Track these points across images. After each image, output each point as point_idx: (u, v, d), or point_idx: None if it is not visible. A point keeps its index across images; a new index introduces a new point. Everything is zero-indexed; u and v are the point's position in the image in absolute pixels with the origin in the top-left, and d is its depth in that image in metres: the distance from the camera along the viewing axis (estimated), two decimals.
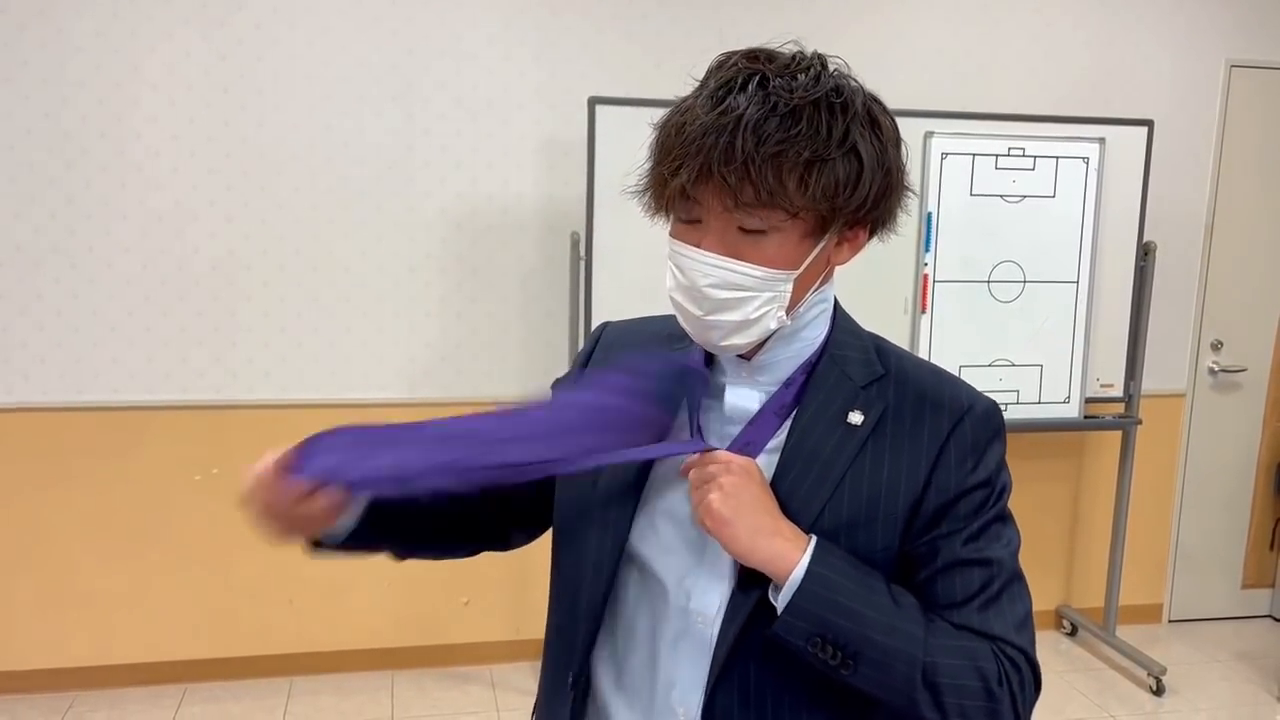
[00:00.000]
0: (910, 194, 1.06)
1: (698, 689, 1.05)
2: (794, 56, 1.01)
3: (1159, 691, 3.62)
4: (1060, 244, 3.55)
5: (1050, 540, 4.10)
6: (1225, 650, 4.02)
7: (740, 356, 1.09)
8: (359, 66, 3.32)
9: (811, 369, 1.08)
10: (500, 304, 3.52)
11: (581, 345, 1.29)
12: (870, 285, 3.47)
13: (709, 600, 1.05)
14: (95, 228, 3.23)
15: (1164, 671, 3.64)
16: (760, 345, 1.07)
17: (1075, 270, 3.57)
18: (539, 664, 1.24)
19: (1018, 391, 3.59)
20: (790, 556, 0.98)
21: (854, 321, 1.15)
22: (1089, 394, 3.66)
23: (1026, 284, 3.55)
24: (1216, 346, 4.12)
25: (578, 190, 3.26)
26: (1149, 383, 3.82)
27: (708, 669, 1.04)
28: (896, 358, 1.11)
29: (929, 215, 3.45)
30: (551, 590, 1.20)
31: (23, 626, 3.36)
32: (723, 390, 1.10)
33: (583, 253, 3.25)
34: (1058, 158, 3.50)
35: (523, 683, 3.53)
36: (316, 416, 3.42)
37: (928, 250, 3.47)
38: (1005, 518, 1.06)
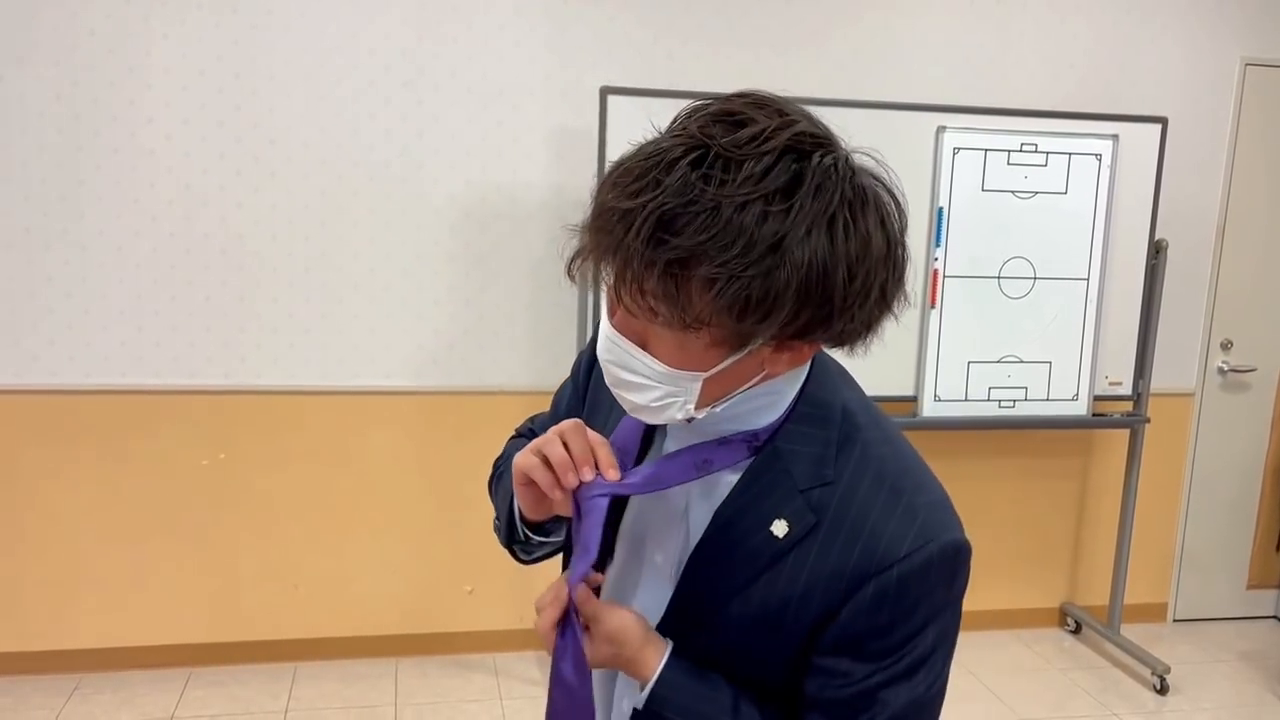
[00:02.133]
0: (899, 301, 0.91)
1: None
2: (767, 133, 0.82)
3: (1162, 690, 3.62)
4: (1071, 241, 3.54)
5: (1056, 537, 4.10)
6: (1229, 650, 4.01)
7: None
8: (370, 53, 3.31)
9: (756, 450, 0.98)
10: (508, 293, 3.51)
11: (590, 335, 1.24)
12: None
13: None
14: (105, 211, 3.23)
15: (1168, 670, 3.63)
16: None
17: (1086, 267, 3.56)
18: (542, 653, 1.26)
19: (1026, 388, 3.58)
20: (643, 674, 1.02)
21: (830, 400, 0.99)
22: (1098, 392, 3.65)
23: (1037, 280, 3.53)
24: (1226, 346, 4.10)
25: (587, 180, 3.26)
26: (1158, 381, 3.80)
27: None
28: (859, 459, 0.97)
29: (940, 210, 3.44)
30: None
31: (29, 608, 3.37)
32: (663, 439, 1.06)
33: None
34: (1070, 154, 3.49)
35: (526, 671, 3.54)
36: (323, 403, 3.43)
37: (938, 245, 3.46)
38: (921, 664, 0.96)
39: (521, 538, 1.12)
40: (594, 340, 1.17)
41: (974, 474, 3.94)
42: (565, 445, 0.97)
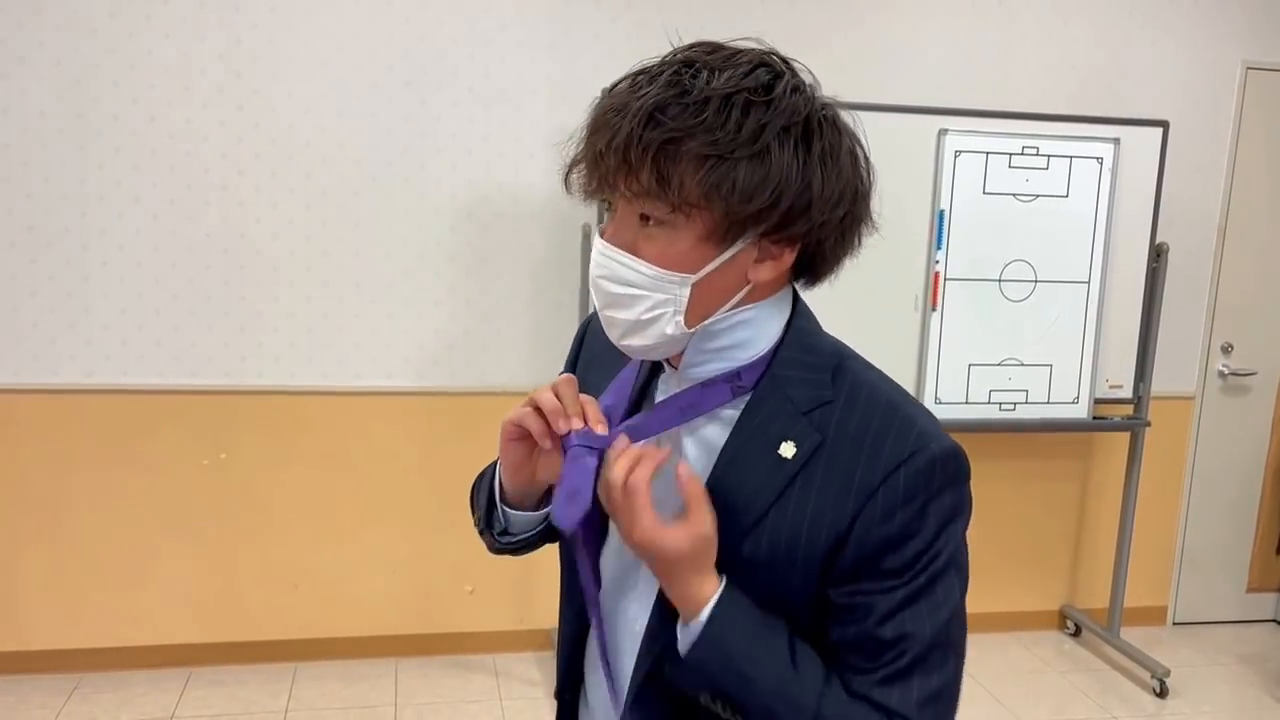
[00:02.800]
0: (866, 228, 0.98)
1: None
2: (740, 51, 0.94)
3: (1162, 693, 3.62)
4: (1072, 244, 3.54)
5: (1056, 540, 4.10)
6: (1229, 654, 4.01)
7: (669, 364, 1.05)
8: (372, 52, 3.32)
9: (754, 384, 1.00)
10: (509, 293, 3.52)
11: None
12: (881, 282, 3.47)
13: (637, 618, 1.07)
14: (107, 210, 3.24)
15: (1167, 673, 3.63)
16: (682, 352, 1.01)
17: (1087, 270, 3.56)
18: (543, 653, 1.26)
19: (1027, 391, 3.58)
20: (699, 598, 0.95)
21: (817, 337, 1.04)
22: (1098, 395, 3.65)
23: (1038, 283, 3.53)
24: (1227, 349, 4.10)
25: None
26: (1158, 384, 3.81)
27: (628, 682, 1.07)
28: (853, 383, 0.99)
29: (941, 213, 3.44)
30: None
31: (30, 608, 3.37)
32: (651, 403, 1.08)
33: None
34: (1071, 157, 3.49)
35: (526, 672, 3.54)
36: (325, 403, 3.43)
37: (939, 248, 3.46)
38: (938, 579, 0.95)
39: (500, 521, 1.13)
40: (571, 351, 1.23)
41: (974, 476, 3.91)
42: (557, 395, 1.00)
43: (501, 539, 1.15)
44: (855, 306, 3.41)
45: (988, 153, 3.44)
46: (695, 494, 0.95)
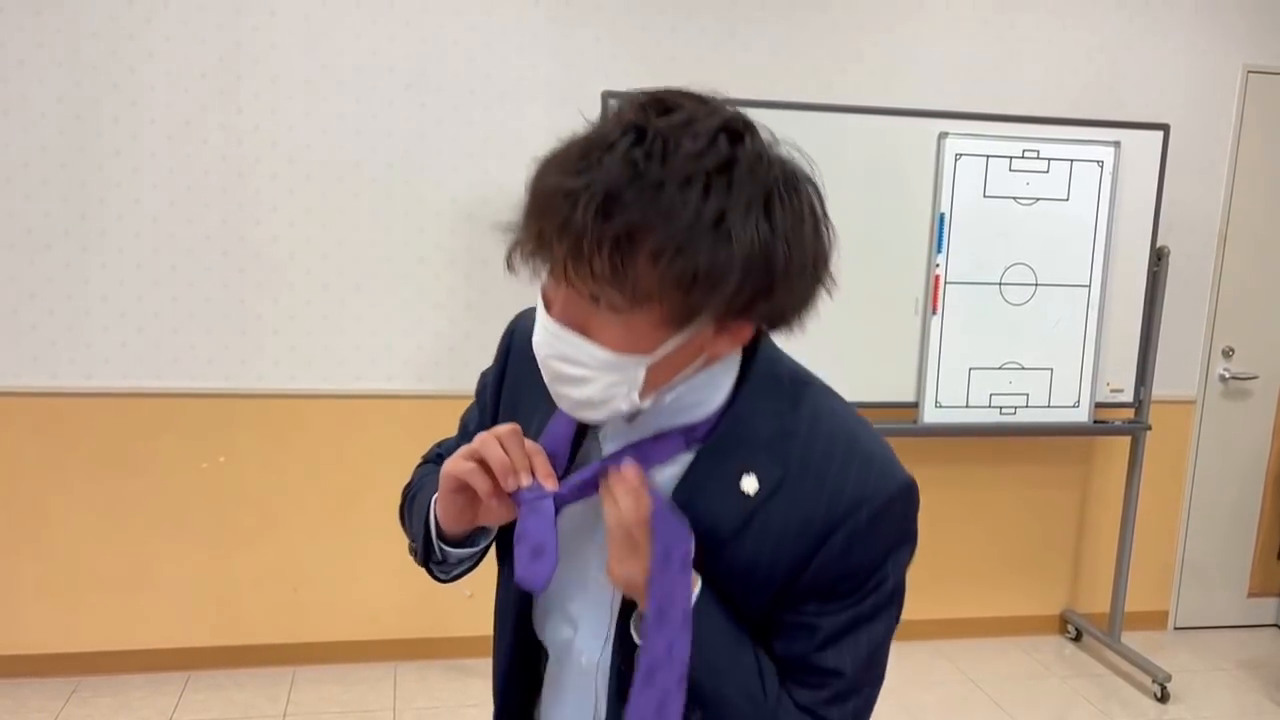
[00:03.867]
0: (824, 290, 0.93)
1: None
2: (697, 114, 0.85)
3: (1163, 698, 3.61)
4: (1073, 247, 3.54)
5: (1057, 545, 4.09)
6: (1230, 659, 4.00)
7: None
8: (372, 55, 3.31)
9: (708, 435, 0.99)
10: (510, 297, 3.49)
11: (503, 346, 1.26)
12: (881, 285, 3.47)
13: (591, 647, 1.06)
14: (107, 212, 3.23)
15: (1169, 678, 3.62)
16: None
17: (1087, 274, 3.56)
18: None
19: (1027, 395, 3.57)
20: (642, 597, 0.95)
21: (778, 362, 1.02)
22: (1099, 399, 3.65)
23: (1038, 287, 3.53)
24: (1228, 353, 4.09)
25: None
26: (1159, 389, 3.80)
27: (592, 697, 1.07)
28: (813, 417, 0.99)
29: (941, 216, 3.44)
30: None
31: (28, 611, 3.36)
32: (601, 443, 1.04)
33: None
34: (1072, 160, 3.49)
35: None
36: (324, 406, 3.43)
37: (939, 251, 3.46)
38: (881, 609, 0.99)
39: (438, 555, 1.10)
40: (498, 362, 1.19)
41: (975, 481, 3.93)
42: (503, 448, 0.96)
43: (439, 569, 1.14)
44: (856, 310, 3.42)
45: (988, 156, 3.44)
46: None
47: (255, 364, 3.39)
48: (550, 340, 0.91)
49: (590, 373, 0.90)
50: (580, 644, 1.07)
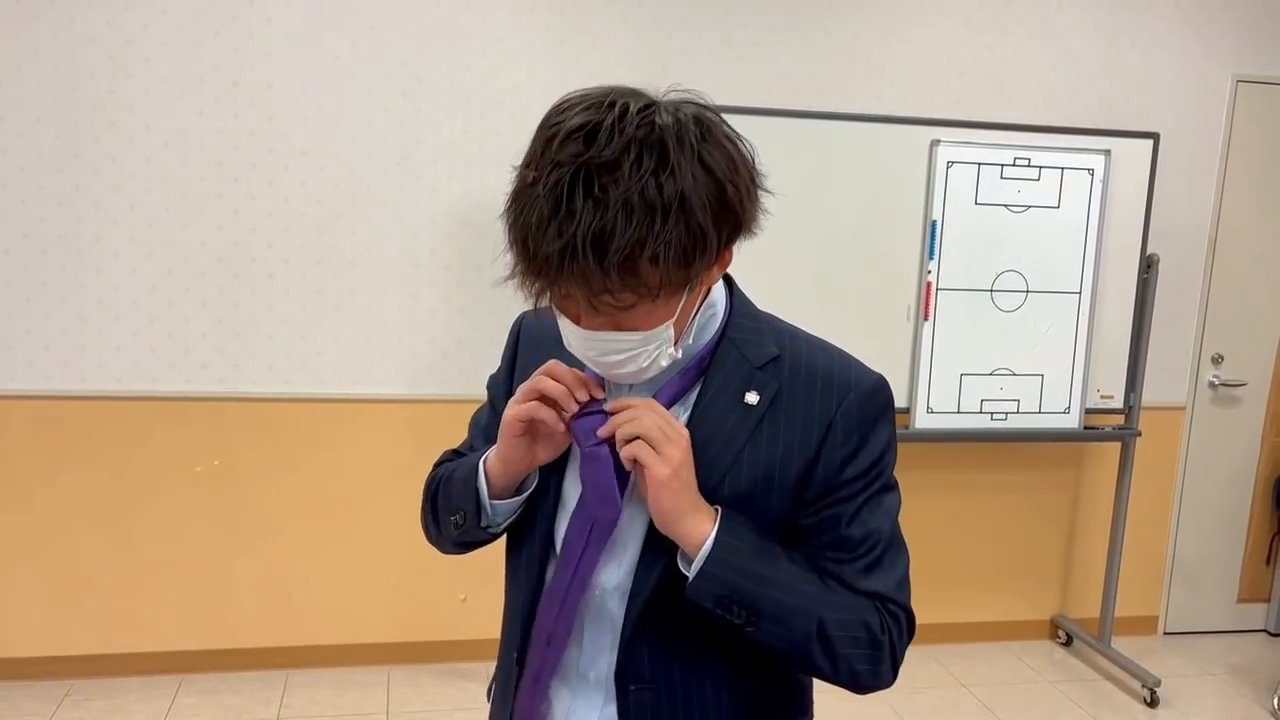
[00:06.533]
0: (762, 188, 1.05)
1: (605, 654, 1.17)
2: (610, 132, 0.96)
3: (1153, 703, 3.63)
4: (1063, 255, 3.56)
5: (1047, 550, 4.11)
6: (1220, 664, 4.03)
7: None
8: (368, 62, 3.33)
9: (710, 354, 1.14)
10: (504, 302, 3.51)
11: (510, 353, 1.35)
12: (873, 292, 3.49)
13: (607, 575, 1.15)
14: (102, 217, 3.24)
15: (1158, 683, 3.64)
16: None
17: (1078, 281, 3.58)
18: None
19: (1018, 401, 3.59)
20: (702, 528, 1.07)
21: (751, 305, 1.19)
22: (1089, 405, 3.67)
23: (1029, 294, 3.55)
24: (1217, 360, 4.12)
25: None
26: (1149, 395, 3.83)
27: (615, 636, 1.15)
28: (791, 338, 1.17)
29: (933, 223, 3.46)
30: (506, 580, 1.29)
31: (21, 614, 3.36)
32: (621, 391, 1.17)
33: None
34: (1063, 169, 3.51)
35: None
36: (318, 410, 3.44)
37: (931, 258, 3.48)
38: (888, 488, 1.15)
39: (489, 514, 1.20)
40: (506, 361, 1.31)
41: (966, 486, 3.95)
42: (556, 379, 1.10)
43: (485, 532, 1.23)
44: (848, 316, 3.44)
45: (980, 164, 3.46)
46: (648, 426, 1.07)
47: (249, 368, 3.39)
48: (589, 344, 1.05)
49: (631, 352, 1.04)
50: (611, 570, 1.15)
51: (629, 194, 0.93)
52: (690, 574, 1.07)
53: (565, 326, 1.06)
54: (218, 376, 3.38)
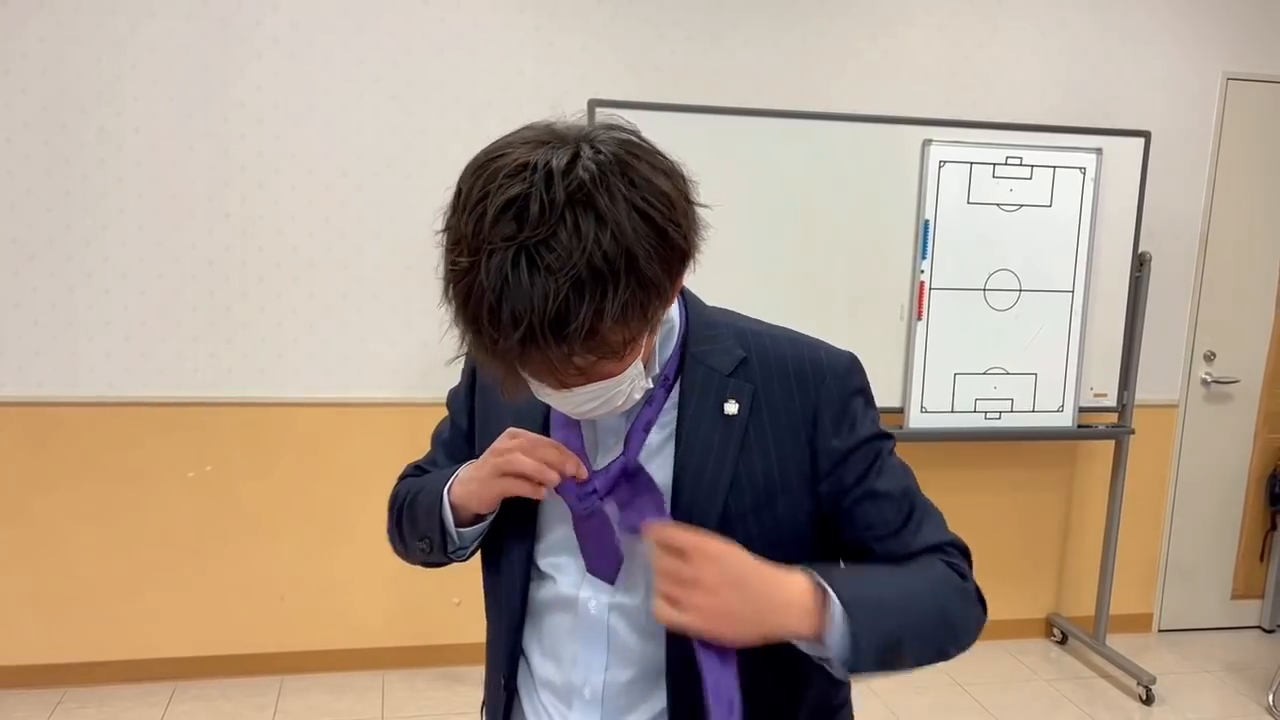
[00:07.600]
0: (699, 205, 1.00)
1: (598, 670, 1.15)
2: (539, 203, 0.89)
3: (1148, 701, 3.63)
4: (1056, 253, 3.56)
5: (1041, 548, 4.11)
6: (1214, 661, 4.03)
7: None
8: (358, 64, 3.32)
9: (676, 368, 1.12)
10: None
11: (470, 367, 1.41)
12: (866, 292, 3.49)
13: (597, 588, 1.14)
14: (92, 222, 3.23)
15: (1154, 681, 3.64)
16: None
17: (1070, 280, 3.59)
18: None
19: (1012, 399, 3.60)
20: (809, 617, 0.99)
21: (706, 309, 1.17)
22: (1083, 403, 3.67)
23: (1022, 292, 3.56)
24: (1209, 358, 4.13)
25: None
26: (1142, 393, 3.83)
27: (604, 651, 1.14)
28: (754, 335, 1.15)
29: (925, 223, 3.46)
30: (485, 600, 1.29)
31: (13, 622, 3.35)
32: (594, 425, 1.15)
33: None
34: (1055, 167, 3.52)
35: None
36: (310, 414, 3.42)
37: (924, 258, 3.48)
38: (889, 451, 1.15)
39: (455, 540, 1.22)
40: (465, 377, 1.36)
41: (960, 485, 3.95)
42: (530, 457, 1.09)
43: (456, 554, 1.25)
44: (841, 316, 3.44)
45: (972, 163, 3.47)
46: (683, 544, 1.01)
47: (242, 372, 3.38)
48: (564, 401, 1.02)
49: (606, 396, 1.01)
50: (586, 593, 1.15)
51: (575, 268, 0.88)
52: (837, 658, 1.00)
53: (538, 389, 1.03)
54: (209, 381, 3.36)
